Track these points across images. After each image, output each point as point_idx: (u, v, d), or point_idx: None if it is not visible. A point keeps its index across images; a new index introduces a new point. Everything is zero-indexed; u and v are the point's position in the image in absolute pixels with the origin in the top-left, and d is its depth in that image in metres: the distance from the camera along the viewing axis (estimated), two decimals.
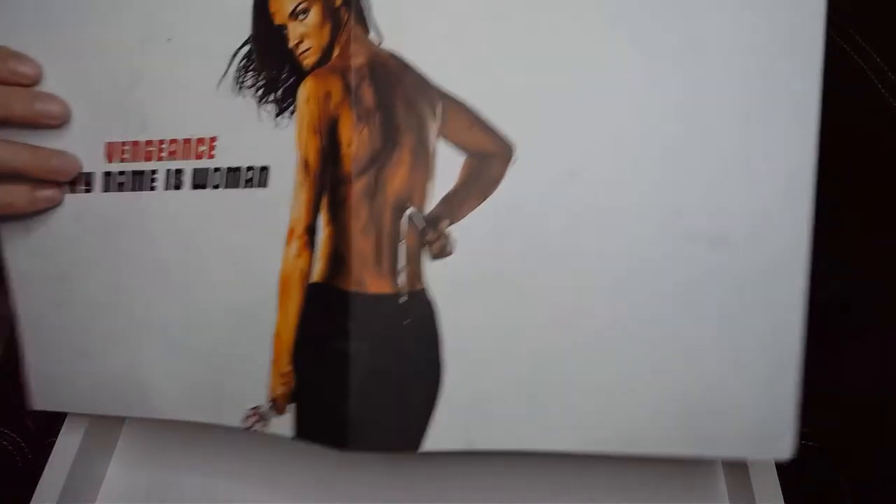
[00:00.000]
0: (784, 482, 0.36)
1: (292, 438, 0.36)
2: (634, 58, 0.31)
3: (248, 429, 0.37)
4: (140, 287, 0.38)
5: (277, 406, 0.36)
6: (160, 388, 0.38)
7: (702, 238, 0.31)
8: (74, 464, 0.41)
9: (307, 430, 0.35)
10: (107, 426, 0.45)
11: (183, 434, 0.45)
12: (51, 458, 0.41)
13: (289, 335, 0.35)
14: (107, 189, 0.38)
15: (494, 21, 0.32)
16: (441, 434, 0.34)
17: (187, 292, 0.37)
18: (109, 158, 0.38)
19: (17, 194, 0.36)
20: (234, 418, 0.37)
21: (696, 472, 0.41)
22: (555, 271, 0.33)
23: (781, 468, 0.37)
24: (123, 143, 0.37)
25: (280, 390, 0.36)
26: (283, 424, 0.36)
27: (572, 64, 0.32)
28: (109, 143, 0.38)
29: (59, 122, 0.37)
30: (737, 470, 0.38)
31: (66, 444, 0.42)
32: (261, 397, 0.37)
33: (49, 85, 0.37)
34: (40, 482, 0.40)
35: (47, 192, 0.37)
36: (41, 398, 0.41)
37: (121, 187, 0.38)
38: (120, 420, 0.46)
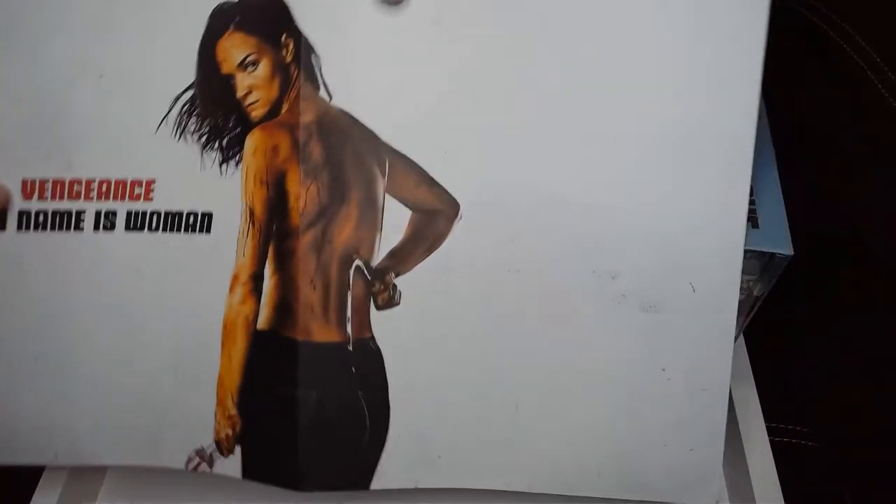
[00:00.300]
0: (784, 482, 0.36)
1: (242, 478, 0.37)
2: (580, 127, 0.34)
3: (192, 470, 0.37)
4: (63, 329, 0.37)
5: (222, 448, 0.37)
6: (92, 433, 0.37)
7: (635, 303, 0.34)
8: None
9: (256, 471, 0.36)
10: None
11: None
12: None
13: (233, 380, 0.36)
14: (23, 228, 0.36)
15: (442, 83, 0.34)
16: (389, 474, 0.36)
17: (121, 335, 0.37)
18: (27, 196, 0.36)
19: None
20: (176, 461, 0.37)
21: None
22: (496, 326, 0.35)
23: (781, 468, 0.37)
24: (44, 181, 0.36)
25: (225, 432, 0.36)
26: (231, 465, 0.37)
27: (520, 128, 0.34)
28: (27, 179, 0.35)
29: None
30: (737, 470, 0.39)
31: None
32: (204, 439, 0.37)
33: None
34: None
35: None
36: None
37: (40, 227, 0.36)
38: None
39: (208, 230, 0.35)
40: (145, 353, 0.37)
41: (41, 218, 0.36)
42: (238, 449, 0.37)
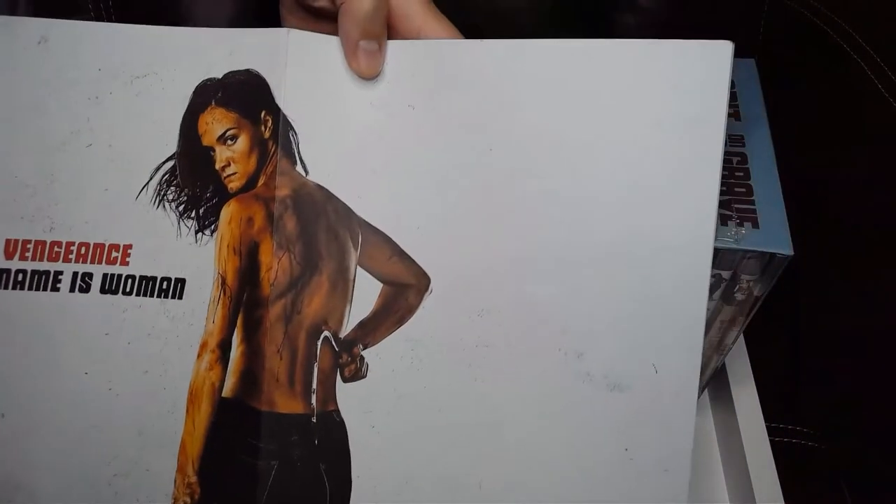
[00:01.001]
0: (784, 482, 0.37)
1: None
2: (547, 207, 0.35)
3: None
4: (32, 387, 0.37)
5: None
6: (50, 492, 0.37)
7: (601, 382, 0.35)
8: None
9: None
10: None
11: None
12: None
13: (195, 446, 0.36)
14: (1, 286, 0.37)
15: (417, 162, 0.35)
16: None
17: (83, 396, 0.37)
18: (9, 255, 0.37)
19: None
20: None
21: (696, 473, 0.40)
22: (464, 402, 0.35)
23: (781, 468, 0.37)
24: (27, 241, 0.37)
25: (184, 500, 0.36)
26: None
27: (491, 207, 0.35)
28: (9, 239, 0.37)
29: None
30: (737, 470, 0.39)
31: None
32: None
33: None
34: None
35: None
36: None
37: (19, 286, 0.37)
38: None
39: (181, 296, 0.36)
40: (111, 415, 0.37)
41: (20, 277, 0.37)
42: None
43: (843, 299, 0.45)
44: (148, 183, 0.36)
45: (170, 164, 0.36)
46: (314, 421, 0.35)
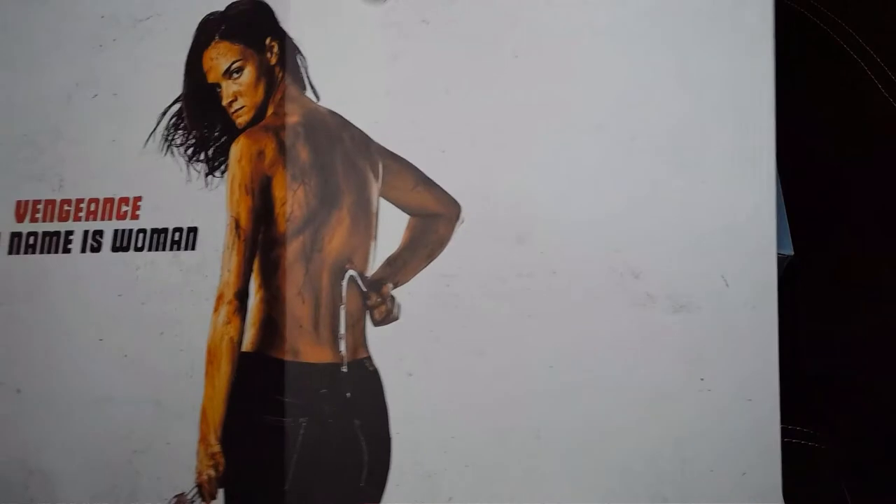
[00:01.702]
0: (784, 482, 0.35)
1: None
2: (589, 119, 0.32)
3: None
4: (48, 359, 0.35)
5: (204, 491, 0.33)
6: (69, 476, 0.34)
7: (664, 304, 0.31)
8: None
9: None
10: None
11: None
12: None
13: (217, 411, 0.33)
14: (14, 251, 0.35)
15: (436, 81, 0.32)
16: None
17: (99, 365, 0.34)
18: (19, 218, 0.35)
19: None
20: None
21: None
22: (508, 340, 0.32)
23: (781, 468, 0.35)
24: (36, 202, 0.35)
25: (208, 473, 0.33)
26: None
27: (522, 124, 0.32)
28: (20, 201, 0.35)
29: None
30: None
31: None
32: (186, 482, 0.33)
33: None
34: None
35: None
36: None
37: (30, 250, 0.35)
38: None
39: (193, 246, 0.34)
40: (128, 384, 0.34)
41: (31, 240, 0.35)
42: (221, 494, 0.33)
43: (843, 299, 0.44)
44: (155, 129, 0.34)
45: (176, 106, 0.34)
46: (344, 370, 0.32)
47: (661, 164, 0.31)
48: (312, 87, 0.33)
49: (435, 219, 0.32)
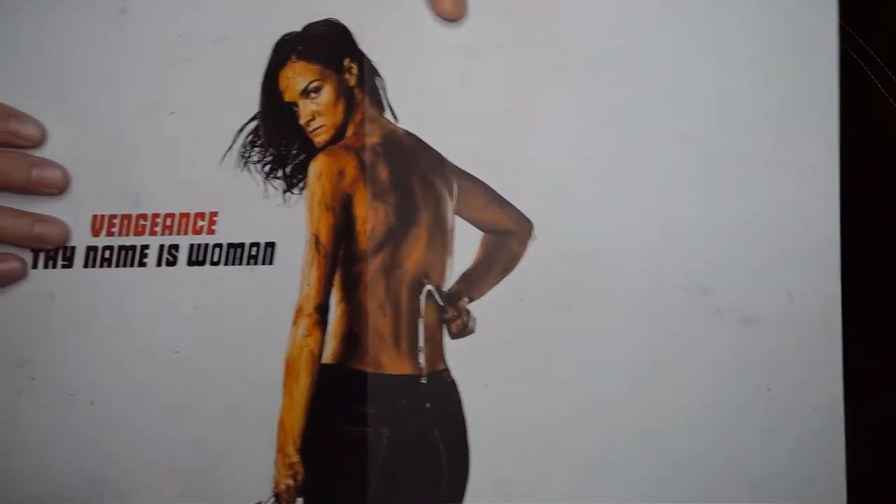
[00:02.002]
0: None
1: None
2: (657, 139, 0.33)
3: None
4: (122, 371, 0.36)
5: (282, 500, 0.34)
6: (143, 489, 0.35)
7: (732, 318, 0.32)
8: None
9: None
10: None
11: None
12: None
13: (295, 422, 0.34)
14: (90, 265, 0.36)
15: (510, 103, 0.34)
16: None
17: (174, 377, 0.35)
18: (95, 232, 0.36)
19: None
20: None
21: None
22: (582, 353, 0.33)
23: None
24: (112, 217, 0.36)
25: (286, 483, 0.34)
26: None
27: (591, 143, 0.34)
28: (96, 215, 0.36)
29: (57, 191, 0.35)
30: None
31: None
32: (262, 492, 0.34)
33: (44, 151, 0.35)
34: None
35: (10, 266, 0.35)
36: None
37: (106, 263, 0.36)
38: None
39: (271, 261, 0.35)
40: (203, 396, 0.35)
41: (107, 254, 0.36)
42: (300, 501, 0.34)
43: (843, 300, 0.45)
44: (231, 146, 0.35)
45: (252, 124, 0.35)
46: (423, 382, 0.33)
47: (729, 182, 0.33)
48: (391, 109, 0.34)
49: (508, 236, 0.33)
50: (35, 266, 0.36)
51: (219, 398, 0.35)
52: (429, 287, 0.33)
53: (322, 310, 0.34)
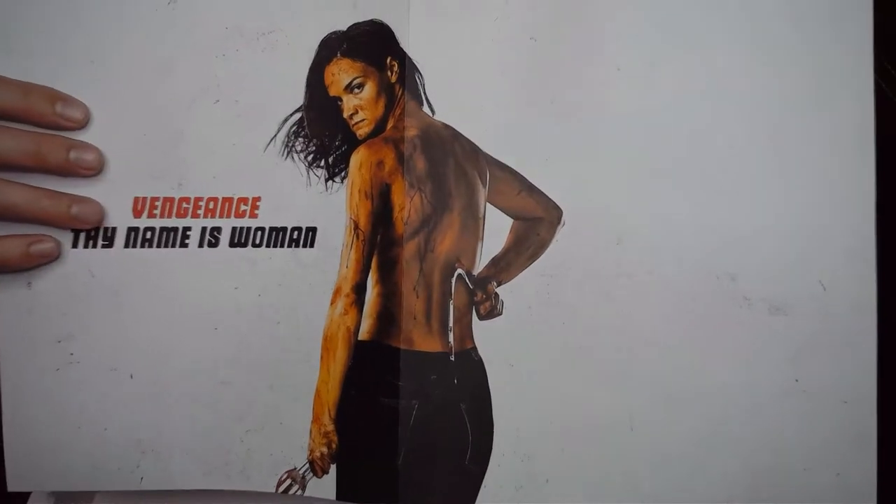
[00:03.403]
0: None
1: (336, 500, 0.36)
2: (687, 126, 0.36)
3: (283, 493, 0.37)
4: (160, 347, 0.38)
5: (316, 467, 0.37)
6: (182, 456, 0.38)
7: (761, 306, 0.34)
8: None
9: (351, 492, 0.36)
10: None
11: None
12: None
13: (331, 393, 0.37)
14: (130, 245, 0.38)
15: (543, 94, 0.37)
16: (493, 498, 0.36)
17: (214, 352, 0.38)
18: (137, 214, 0.38)
19: (9, 247, 0.36)
20: (267, 484, 0.37)
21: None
22: (606, 336, 0.36)
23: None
24: (154, 199, 0.38)
25: (320, 451, 0.37)
26: (324, 486, 0.37)
27: (622, 131, 0.36)
28: (138, 197, 0.38)
29: (93, 172, 0.37)
30: None
31: None
32: (298, 459, 0.37)
33: (88, 133, 0.38)
34: None
35: (44, 246, 0.37)
36: (24, 478, 0.38)
37: (147, 244, 0.38)
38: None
39: (312, 244, 0.38)
40: (243, 370, 0.38)
41: (148, 234, 0.38)
42: (333, 468, 0.37)
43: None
44: (276, 136, 0.38)
45: (297, 116, 0.38)
46: (452, 359, 0.36)
47: (759, 168, 0.34)
48: (429, 103, 0.37)
49: (537, 222, 0.37)
50: (75, 246, 0.38)
51: (258, 372, 0.38)
52: (460, 271, 0.37)
53: (359, 290, 0.37)
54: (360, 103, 0.38)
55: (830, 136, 0.34)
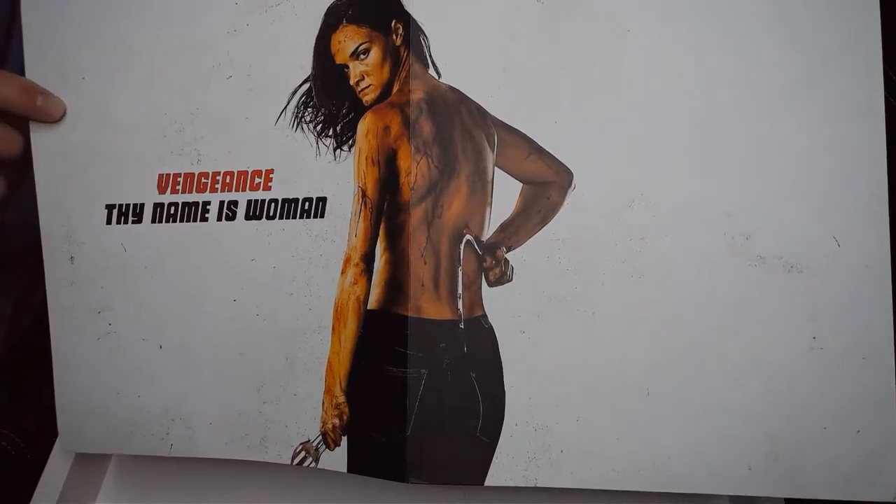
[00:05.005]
0: None
1: (347, 472, 0.37)
2: (698, 85, 0.35)
3: (298, 465, 0.38)
4: (186, 318, 0.40)
5: (329, 439, 0.38)
6: (207, 426, 0.40)
7: (776, 264, 0.33)
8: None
9: (361, 464, 0.37)
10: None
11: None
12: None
13: (342, 364, 0.38)
14: (157, 220, 0.41)
15: (550, 56, 0.36)
16: (505, 469, 0.35)
17: (236, 322, 0.40)
18: (161, 190, 0.41)
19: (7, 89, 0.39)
20: (283, 456, 0.39)
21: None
22: (621, 300, 0.35)
23: None
24: (177, 175, 0.40)
25: (332, 422, 0.37)
26: (336, 459, 0.38)
27: (631, 93, 0.36)
28: (162, 174, 0.40)
29: (53, 120, 0.40)
30: None
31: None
32: (311, 431, 0.38)
33: (114, 116, 0.41)
34: None
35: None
36: (76, 440, 0.42)
37: (171, 219, 0.40)
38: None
39: (322, 215, 0.39)
40: (260, 341, 0.39)
41: (172, 210, 0.40)
42: (344, 441, 0.37)
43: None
44: (286, 107, 0.39)
45: (305, 86, 0.39)
46: (462, 327, 0.36)
47: (771, 126, 0.34)
48: (434, 66, 0.37)
49: (547, 186, 0.36)
50: (109, 222, 0.41)
51: (274, 343, 0.39)
52: (468, 237, 0.36)
53: (368, 259, 0.38)
54: (366, 69, 0.38)
55: (841, 96, 0.34)
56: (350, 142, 0.38)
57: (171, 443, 0.41)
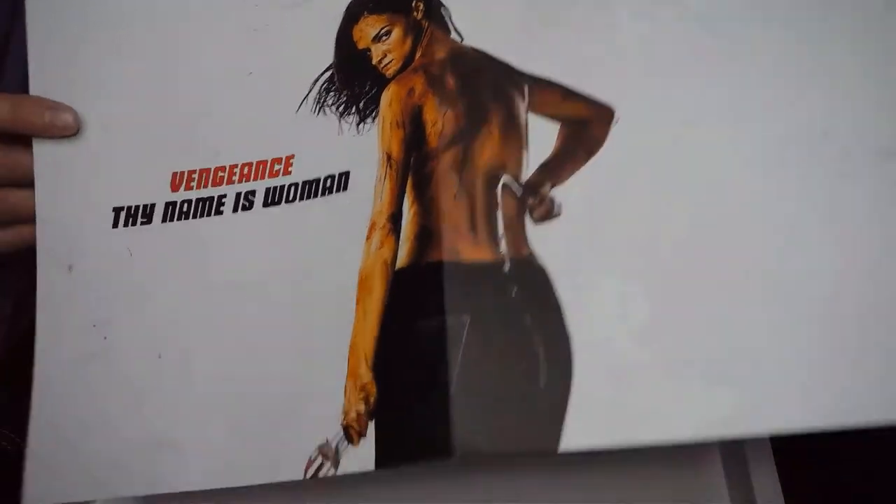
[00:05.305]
0: (784, 482, 0.35)
1: (375, 469, 0.29)
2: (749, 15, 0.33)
3: (313, 476, 0.30)
4: (191, 323, 0.36)
5: (352, 432, 0.30)
6: (201, 444, 0.33)
7: (859, 155, 0.29)
8: None
9: (393, 451, 0.29)
10: None
11: None
12: None
13: (369, 335, 0.32)
14: (167, 220, 0.38)
15: (577, 10, 0.36)
16: (582, 430, 0.27)
17: (248, 315, 0.35)
18: (174, 188, 0.38)
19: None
20: (296, 469, 0.31)
21: (696, 472, 0.36)
22: (686, 223, 0.31)
23: (781, 468, 0.35)
24: (191, 172, 0.38)
25: (357, 409, 0.30)
26: (361, 455, 0.30)
27: (671, 31, 0.34)
28: (176, 172, 0.38)
29: (70, 132, 0.38)
30: (737, 469, 0.36)
31: None
32: (329, 430, 0.31)
33: (122, 114, 0.39)
34: None
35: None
36: (47, 491, 0.34)
37: (184, 216, 0.38)
38: None
39: (345, 188, 0.36)
40: (275, 334, 0.34)
41: (185, 207, 0.38)
42: (371, 427, 0.30)
43: None
44: (307, 94, 0.38)
45: (328, 73, 0.39)
46: (506, 270, 0.31)
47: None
48: (457, 31, 0.37)
49: (587, 123, 0.33)
50: (115, 226, 0.38)
51: (290, 336, 0.34)
52: (505, 179, 0.33)
53: (395, 219, 0.34)
54: (388, 48, 0.38)
55: None
56: (374, 114, 0.37)
57: (157, 476, 0.33)
